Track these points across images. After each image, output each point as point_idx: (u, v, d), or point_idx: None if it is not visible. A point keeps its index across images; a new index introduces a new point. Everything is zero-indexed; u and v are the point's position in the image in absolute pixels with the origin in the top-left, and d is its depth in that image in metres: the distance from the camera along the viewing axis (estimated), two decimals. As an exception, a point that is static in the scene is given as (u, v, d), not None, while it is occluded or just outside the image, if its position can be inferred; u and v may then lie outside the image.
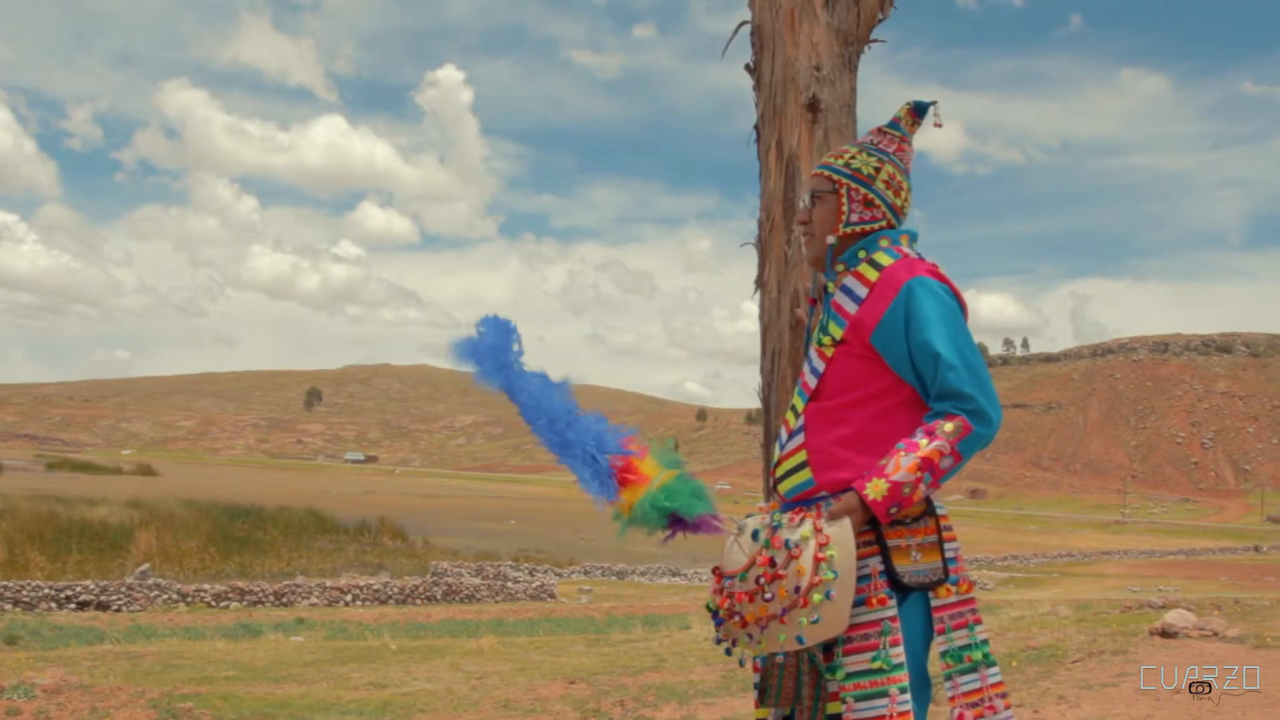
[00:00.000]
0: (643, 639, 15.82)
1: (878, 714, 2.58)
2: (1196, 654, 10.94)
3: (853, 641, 2.62)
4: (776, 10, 3.66)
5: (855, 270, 2.82)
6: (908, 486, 2.58)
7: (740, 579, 2.58)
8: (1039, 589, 44.71)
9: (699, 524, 2.67)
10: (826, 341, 2.82)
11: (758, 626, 2.56)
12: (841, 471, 2.71)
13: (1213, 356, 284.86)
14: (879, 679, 2.59)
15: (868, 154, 2.89)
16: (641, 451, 2.74)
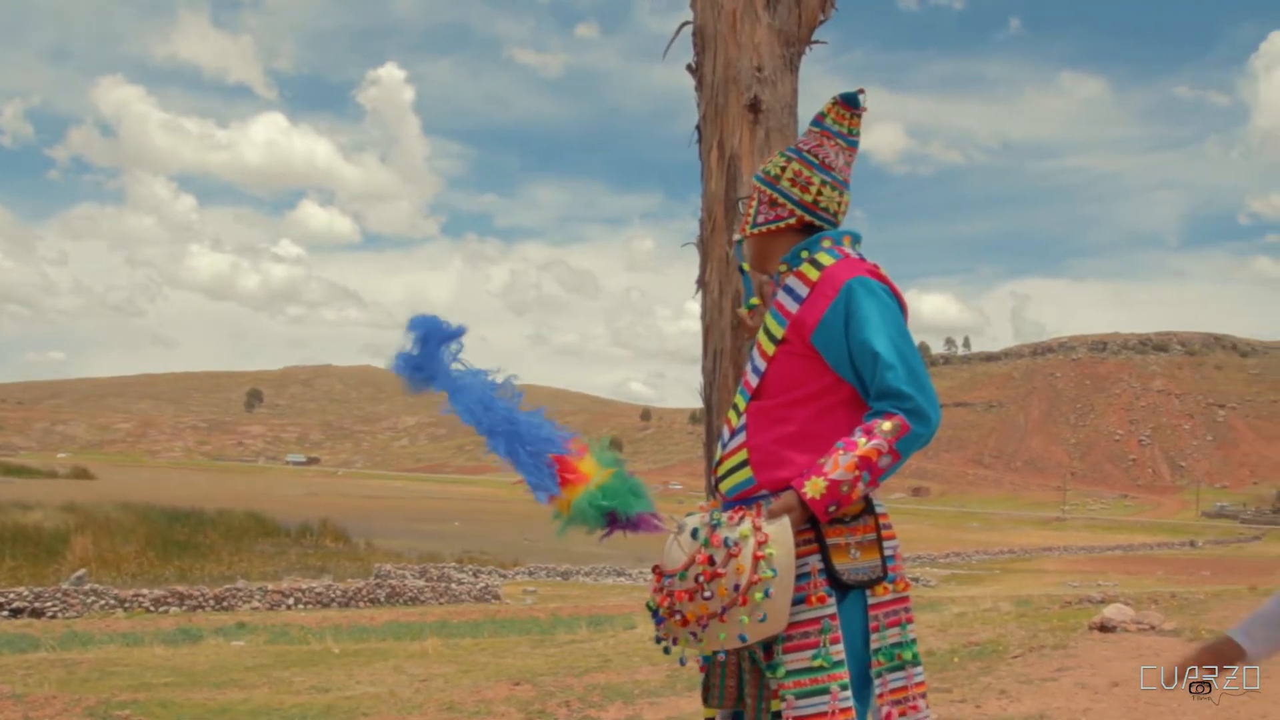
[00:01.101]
0: (588, 639, 15.80)
1: (819, 711, 2.59)
2: (1135, 648, 11.11)
3: (793, 639, 2.62)
4: (718, 11, 3.67)
5: (797, 270, 2.83)
6: (846, 485, 2.59)
7: (680, 577, 2.57)
8: (981, 585, 45.21)
9: (638, 522, 2.67)
10: (767, 341, 2.83)
11: (698, 625, 2.56)
12: (782, 470, 2.71)
13: (1150, 355, 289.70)
14: (820, 676, 2.60)
15: (780, 155, 2.95)
16: (581, 450, 2.73)
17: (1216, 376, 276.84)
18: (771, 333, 2.82)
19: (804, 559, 2.64)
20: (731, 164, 3.60)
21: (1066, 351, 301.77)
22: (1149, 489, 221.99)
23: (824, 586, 2.65)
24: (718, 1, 3.68)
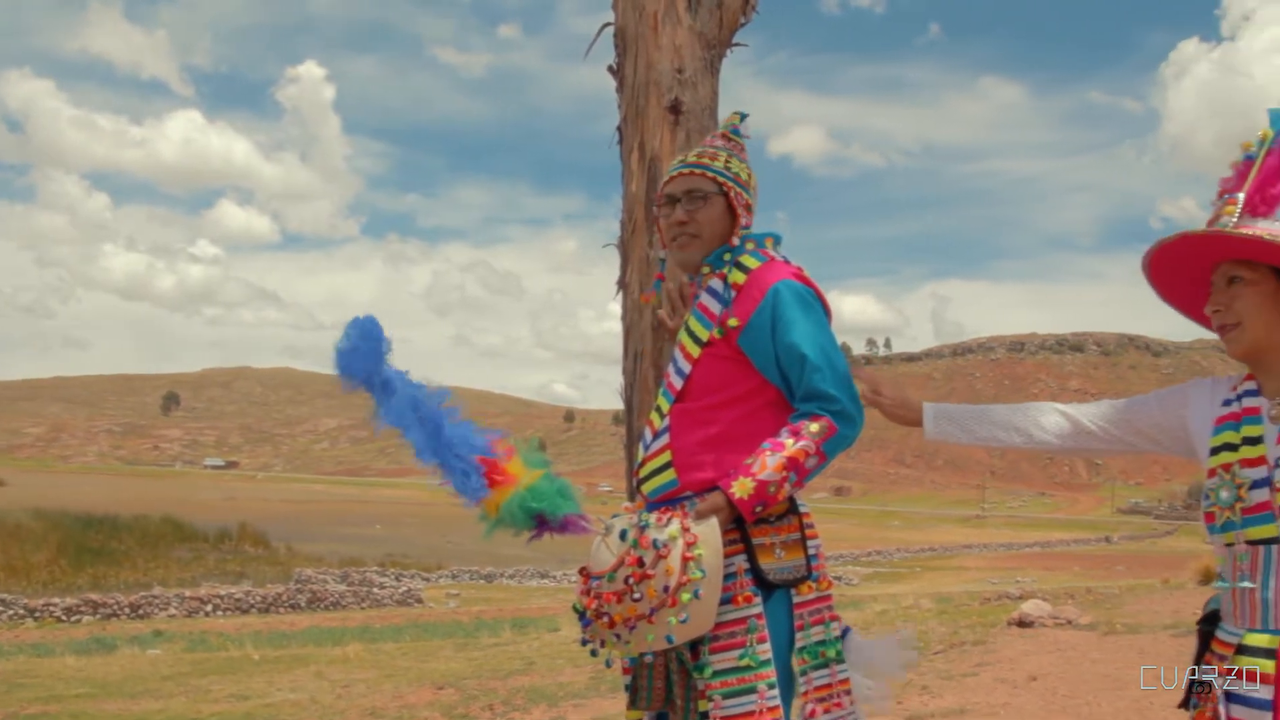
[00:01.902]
0: (511, 642, 15.74)
1: (746, 711, 2.59)
2: (1052, 643, 11.32)
3: (719, 640, 2.61)
4: (639, 12, 3.65)
5: (720, 272, 2.81)
6: (773, 486, 2.60)
7: (608, 579, 2.55)
8: (902, 583, 45.78)
9: (565, 524, 2.65)
10: (691, 343, 2.81)
11: (626, 627, 2.54)
12: (706, 472, 2.71)
13: (1066, 355, 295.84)
14: (746, 676, 2.60)
15: (738, 159, 2.91)
16: (508, 452, 2.70)
17: (1131, 376, 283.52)
18: (696, 335, 2.80)
19: (730, 559, 2.64)
20: (652, 165, 3.59)
21: (986, 352, 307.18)
22: (1066, 486, 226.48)
23: (750, 586, 2.65)
24: (639, 3, 3.66)
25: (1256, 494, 2.11)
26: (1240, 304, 2.16)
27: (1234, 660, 2.12)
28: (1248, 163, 2.20)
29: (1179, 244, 2.24)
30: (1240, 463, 2.16)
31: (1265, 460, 2.13)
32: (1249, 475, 2.13)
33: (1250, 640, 2.11)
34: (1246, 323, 2.16)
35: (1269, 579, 2.09)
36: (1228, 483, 2.16)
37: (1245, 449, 2.17)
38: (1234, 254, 2.16)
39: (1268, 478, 2.11)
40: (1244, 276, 2.16)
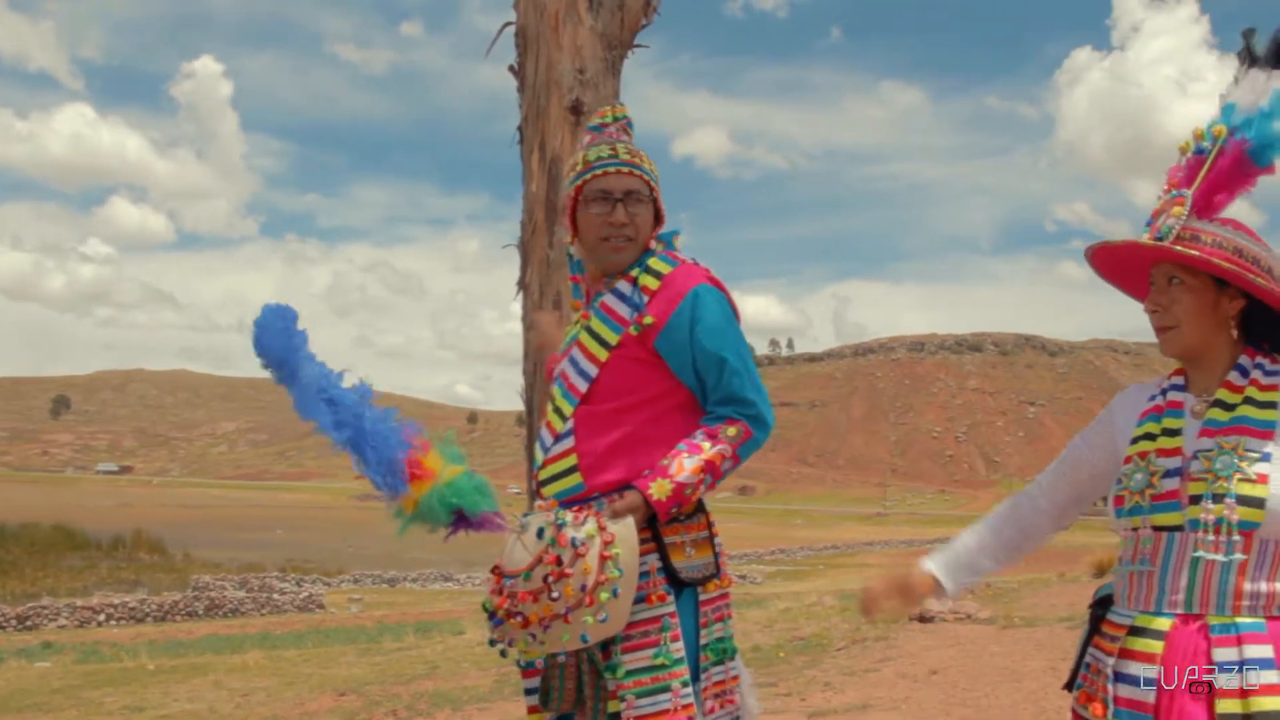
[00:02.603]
0: (415, 646, 15.58)
1: (660, 709, 2.59)
2: (953, 637, 11.52)
3: (633, 639, 2.61)
4: (541, 12, 3.63)
5: (630, 275, 2.79)
6: (690, 488, 2.62)
7: (525, 578, 2.50)
8: (806, 581, 46.30)
9: (482, 521, 2.62)
10: (596, 345, 2.79)
11: (540, 626, 2.51)
12: (613, 474, 2.70)
13: (965, 355, 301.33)
14: (660, 674, 2.60)
15: (649, 159, 2.90)
16: (425, 447, 2.66)
17: (1027, 375, 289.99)
18: (601, 337, 2.78)
19: (643, 558, 2.64)
20: (553, 166, 3.58)
21: (886, 352, 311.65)
22: (965, 484, 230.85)
23: (663, 585, 2.66)
24: (540, 3, 3.65)
25: (1167, 482, 2.16)
26: (1179, 308, 2.20)
27: (1126, 641, 2.18)
28: (1199, 158, 2.20)
29: (1127, 247, 2.28)
30: (1157, 452, 2.21)
31: (1181, 451, 2.18)
32: (1163, 464, 2.18)
33: (1142, 622, 2.16)
34: (1184, 326, 2.21)
35: (1167, 564, 2.14)
36: (1142, 468, 2.21)
37: (1163, 439, 2.22)
38: (1181, 263, 2.19)
39: (1180, 468, 2.16)
40: (1184, 280, 2.19)
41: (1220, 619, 2.09)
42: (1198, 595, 2.11)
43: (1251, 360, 2.22)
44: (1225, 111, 2.21)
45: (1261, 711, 2.00)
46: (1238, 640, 2.05)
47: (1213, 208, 2.20)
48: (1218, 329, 2.22)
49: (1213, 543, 2.09)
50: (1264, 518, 2.06)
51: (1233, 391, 2.20)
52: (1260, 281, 2.13)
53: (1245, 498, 2.06)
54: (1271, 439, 2.12)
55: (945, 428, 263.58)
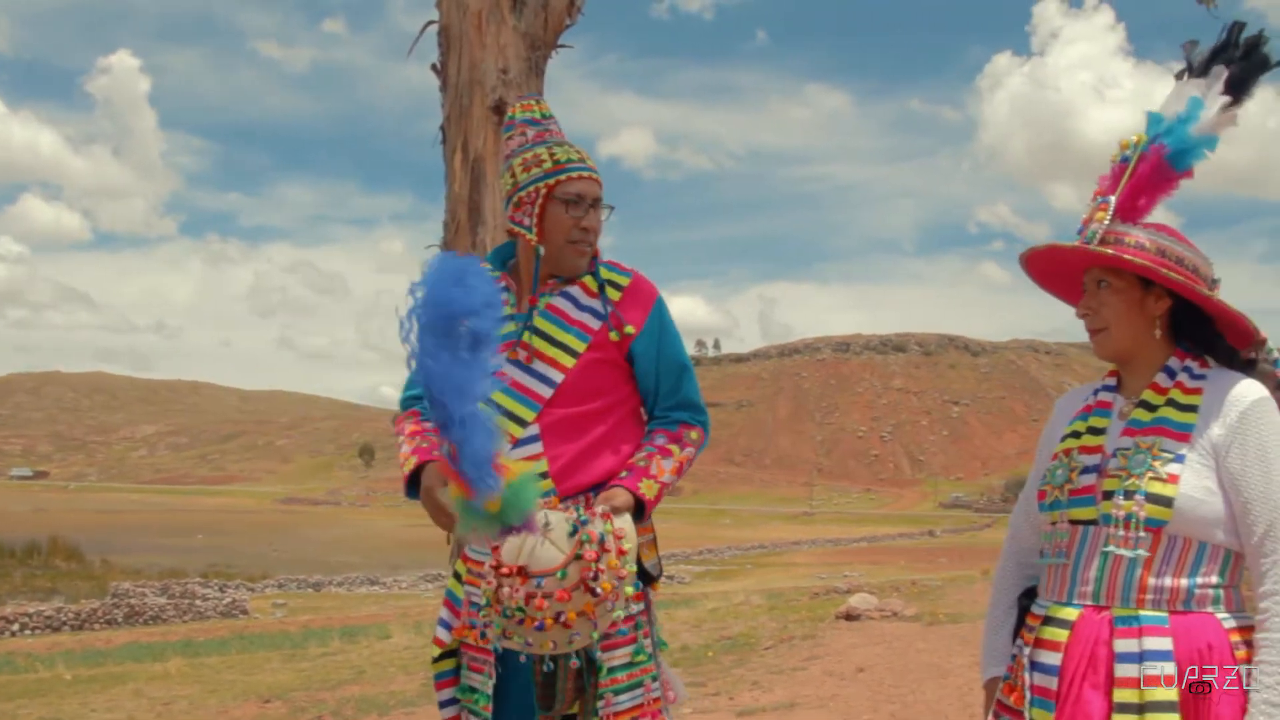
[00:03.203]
0: (341, 651, 15.40)
1: (636, 704, 2.66)
2: (879, 634, 11.64)
3: (613, 638, 2.64)
4: (464, 12, 3.61)
5: (581, 280, 2.82)
6: (669, 489, 2.72)
7: (561, 576, 2.45)
8: (733, 580, 46.58)
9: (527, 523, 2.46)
10: (558, 351, 2.78)
11: (563, 626, 2.47)
12: (584, 477, 2.73)
13: (890, 355, 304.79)
14: (635, 671, 2.67)
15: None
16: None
17: (951, 375, 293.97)
18: (565, 342, 2.78)
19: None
20: (476, 166, 3.56)
21: (812, 352, 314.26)
22: (891, 483, 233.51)
23: (638, 584, 2.72)
24: (463, 2, 3.62)
25: (1085, 478, 2.24)
26: (1107, 310, 2.28)
27: (1039, 630, 2.26)
28: (1122, 166, 2.30)
29: (1049, 251, 2.36)
30: (1079, 449, 2.29)
31: (1102, 449, 2.26)
32: (1083, 460, 2.27)
33: (1054, 611, 2.25)
34: (1113, 328, 2.28)
35: (1080, 556, 2.22)
36: (1064, 464, 2.30)
37: (1087, 437, 2.31)
38: (1100, 263, 2.27)
39: (1099, 465, 2.24)
40: (1112, 283, 2.27)
41: (1124, 611, 2.16)
42: (1105, 587, 2.18)
43: (1180, 363, 2.29)
44: (1149, 120, 2.31)
45: (1155, 701, 2.06)
46: (1139, 632, 2.12)
47: (1136, 211, 2.29)
48: (1146, 330, 2.29)
49: (1122, 538, 2.16)
50: (1171, 516, 2.13)
51: (1157, 393, 2.27)
52: (1177, 277, 2.19)
53: (1155, 496, 2.13)
54: (1188, 441, 2.19)
55: (870, 427, 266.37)
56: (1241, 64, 2.30)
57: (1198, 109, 2.27)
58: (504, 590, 2.47)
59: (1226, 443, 2.17)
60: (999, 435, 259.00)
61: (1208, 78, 2.29)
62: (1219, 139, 2.31)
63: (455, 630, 2.78)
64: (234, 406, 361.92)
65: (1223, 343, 2.31)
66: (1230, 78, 2.28)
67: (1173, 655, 2.09)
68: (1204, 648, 2.10)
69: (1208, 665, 2.10)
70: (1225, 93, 2.28)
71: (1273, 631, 2.08)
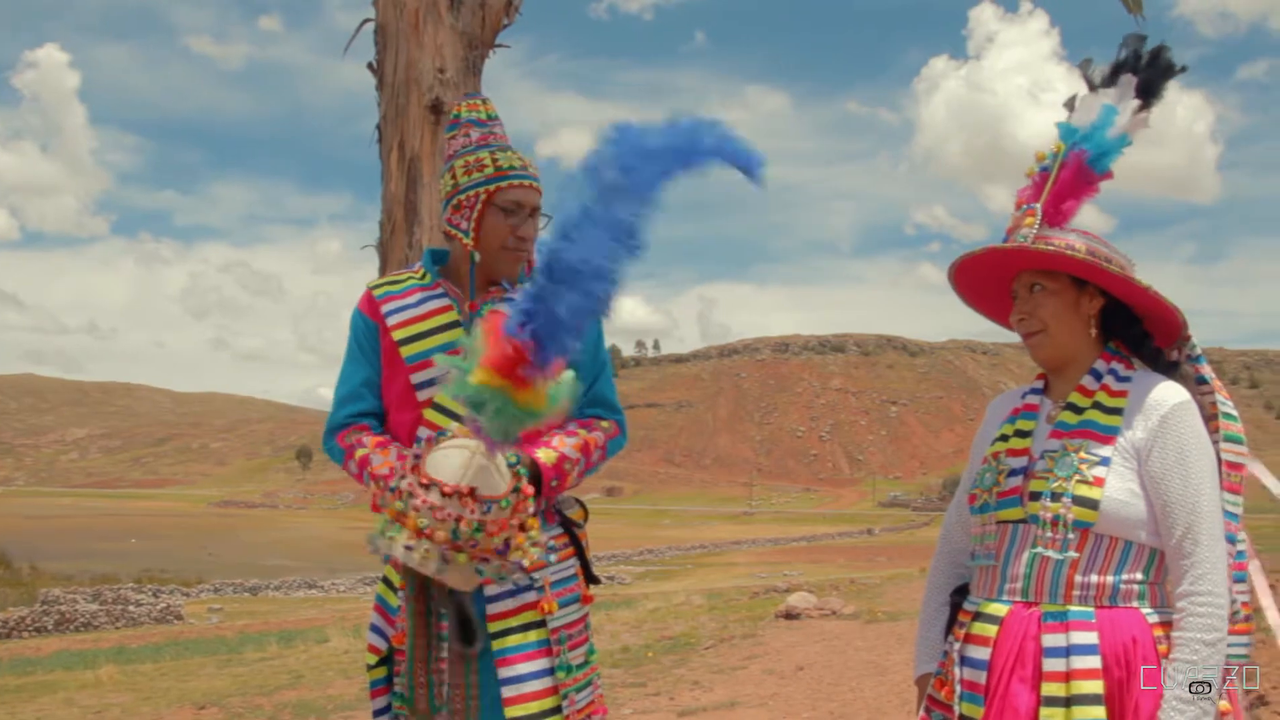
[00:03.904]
0: (278, 656, 15.24)
1: (589, 702, 2.72)
2: (818, 633, 11.73)
3: (573, 638, 2.71)
4: (400, 10, 3.58)
5: (520, 287, 2.75)
6: (569, 463, 2.68)
7: (504, 505, 2.33)
8: (674, 580, 46.69)
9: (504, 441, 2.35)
10: None
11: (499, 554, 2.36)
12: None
13: (829, 356, 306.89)
14: (587, 670, 2.74)
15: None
16: None
17: (889, 375, 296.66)
18: None
19: (566, 561, 2.76)
20: (412, 166, 3.54)
21: (751, 353, 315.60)
22: (830, 482, 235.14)
23: (586, 586, 2.81)
24: (400, 0, 3.60)
25: (1012, 480, 2.31)
26: (1043, 311, 2.34)
27: (970, 626, 2.33)
28: (1043, 175, 2.39)
29: (985, 256, 2.41)
30: (1007, 452, 2.37)
31: (1029, 452, 2.33)
32: (1010, 463, 2.34)
33: (984, 608, 2.31)
34: (1050, 328, 2.34)
35: (1009, 554, 2.28)
36: (992, 468, 2.37)
37: (1015, 440, 2.38)
38: (1035, 265, 2.34)
39: (1025, 467, 2.30)
40: (1045, 285, 2.34)
41: (1052, 606, 2.22)
42: (1033, 584, 2.24)
43: (1106, 365, 2.35)
44: (1062, 130, 2.42)
45: (1081, 694, 2.12)
46: (1066, 627, 2.18)
47: (1061, 215, 2.38)
48: (1083, 329, 2.36)
49: (1050, 539, 2.23)
50: (1097, 519, 2.19)
51: (1083, 395, 2.34)
52: (1116, 270, 2.27)
53: (1081, 499, 2.20)
54: (1112, 444, 2.25)
55: (810, 427, 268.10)
56: (1148, 71, 2.40)
57: (1112, 114, 2.38)
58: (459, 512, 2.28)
59: (1148, 446, 2.23)
60: (937, 434, 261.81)
61: (1117, 87, 2.40)
62: (1132, 139, 2.42)
63: (394, 637, 2.73)
64: (168, 409, 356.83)
65: (1150, 343, 2.38)
66: (1140, 84, 2.40)
67: (1099, 649, 2.15)
68: (1129, 642, 2.17)
69: (1132, 659, 2.16)
70: (1137, 97, 2.39)
71: (1186, 630, 2.15)
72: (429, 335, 2.78)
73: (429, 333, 2.78)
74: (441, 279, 2.85)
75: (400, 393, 2.77)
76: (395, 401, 2.80)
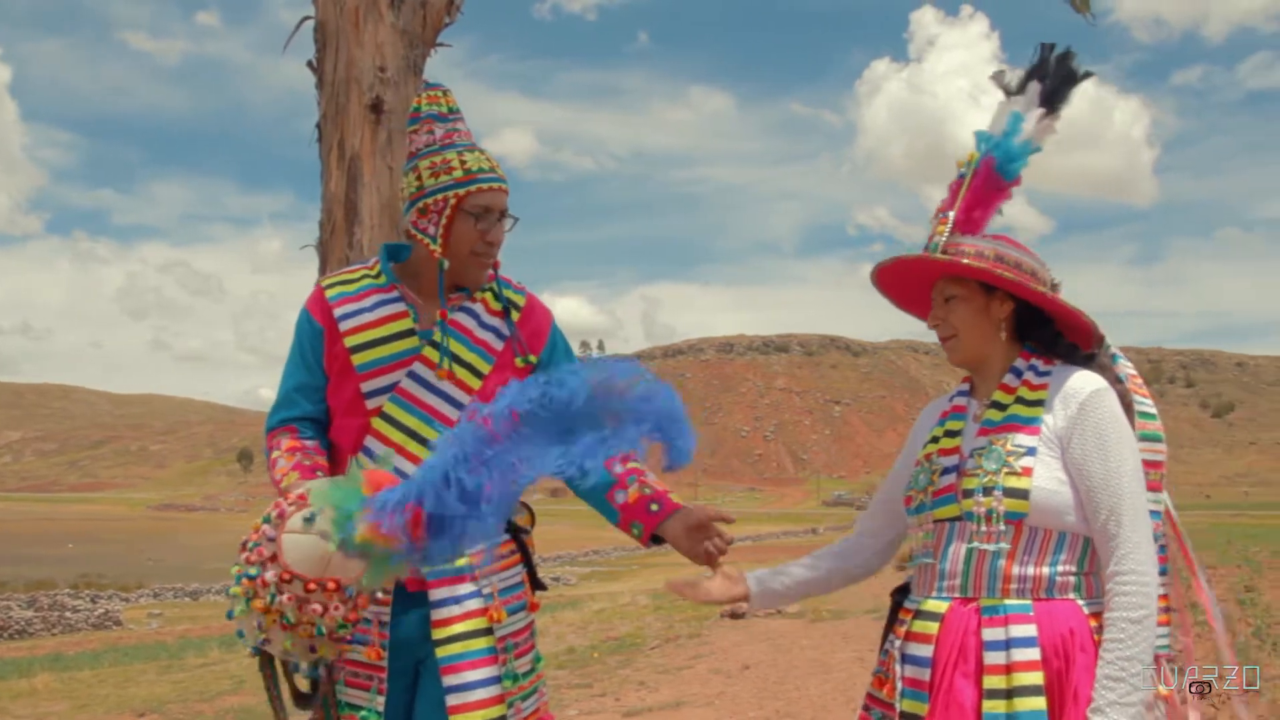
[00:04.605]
0: (220, 661, 15.08)
1: (533, 710, 2.69)
2: (763, 632, 11.78)
3: (519, 646, 2.68)
4: (340, 7, 3.55)
5: (481, 297, 2.77)
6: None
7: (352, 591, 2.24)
8: (620, 581, 46.68)
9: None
10: (466, 372, 2.69)
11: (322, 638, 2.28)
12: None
13: (772, 356, 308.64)
14: (533, 677, 2.71)
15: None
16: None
17: (832, 375, 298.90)
18: (468, 361, 2.69)
19: (516, 569, 2.74)
20: (352, 165, 3.51)
21: (696, 353, 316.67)
22: (774, 481, 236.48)
23: (532, 594, 2.78)
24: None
25: (945, 479, 2.36)
26: (955, 317, 2.42)
27: (910, 624, 2.37)
28: (959, 182, 2.46)
29: (900, 265, 2.49)
30: (939, 452, 2.43)
31: (959, 450, 2.39)
32: (943, 463, 2.39)
33: (925, 605, 2.36)
34: (962, 334, 2.42)
35: (946, 552, 2.33)
36: (925, 469, 2.43)
37: (945, 440, 2.44)
38: (941, 273, 2.43)
39: (957, 465, 2.36)
40: (956, 292, 2.41)
41: (990, 601, 2.26)
42: (971, 580, 2.29)
43: (1025, 362, 2.42)
44: (978, 138, 2.49)
45: (1022, 686, 2.17)
46: (1005, 621, 2.23)
47: (973, 223, 2.47)
48: (993, 333, 2.43)
49: (985, 533, 2.28)
50: (1029, 509, 2.24)
51: (1006, 392, 2.40)
52: (1013, 278, 2.33)
53: (1012, 490, 2.25)
54: (1038, 434, 2.30)
55: (754, 427, 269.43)
56: (1052, 79, 2.47)
57: (1019, 122, 2.45)
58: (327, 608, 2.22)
59: (1068, 433, 2.29)
60: (880, 434, 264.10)
61: (1025, 95, 2.47)
62: (1040, 146, 2.49)
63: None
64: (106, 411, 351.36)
65: (1064, 341, 2.44)
66: (1043, 92, 2.47)
67: (1037, 641, 2.20)
68: (1066, 633, 2.22)
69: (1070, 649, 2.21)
70: (1041, 105, 2.47)
71: (1115, 610, 2.20)
72: (382, 343, 2.69)
73: (382, 340, 2.69)
74: (398, 281, 2.75)
75: (349, 400, 2.69)
76: (343, 407, 2.71)
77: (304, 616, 2.20)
